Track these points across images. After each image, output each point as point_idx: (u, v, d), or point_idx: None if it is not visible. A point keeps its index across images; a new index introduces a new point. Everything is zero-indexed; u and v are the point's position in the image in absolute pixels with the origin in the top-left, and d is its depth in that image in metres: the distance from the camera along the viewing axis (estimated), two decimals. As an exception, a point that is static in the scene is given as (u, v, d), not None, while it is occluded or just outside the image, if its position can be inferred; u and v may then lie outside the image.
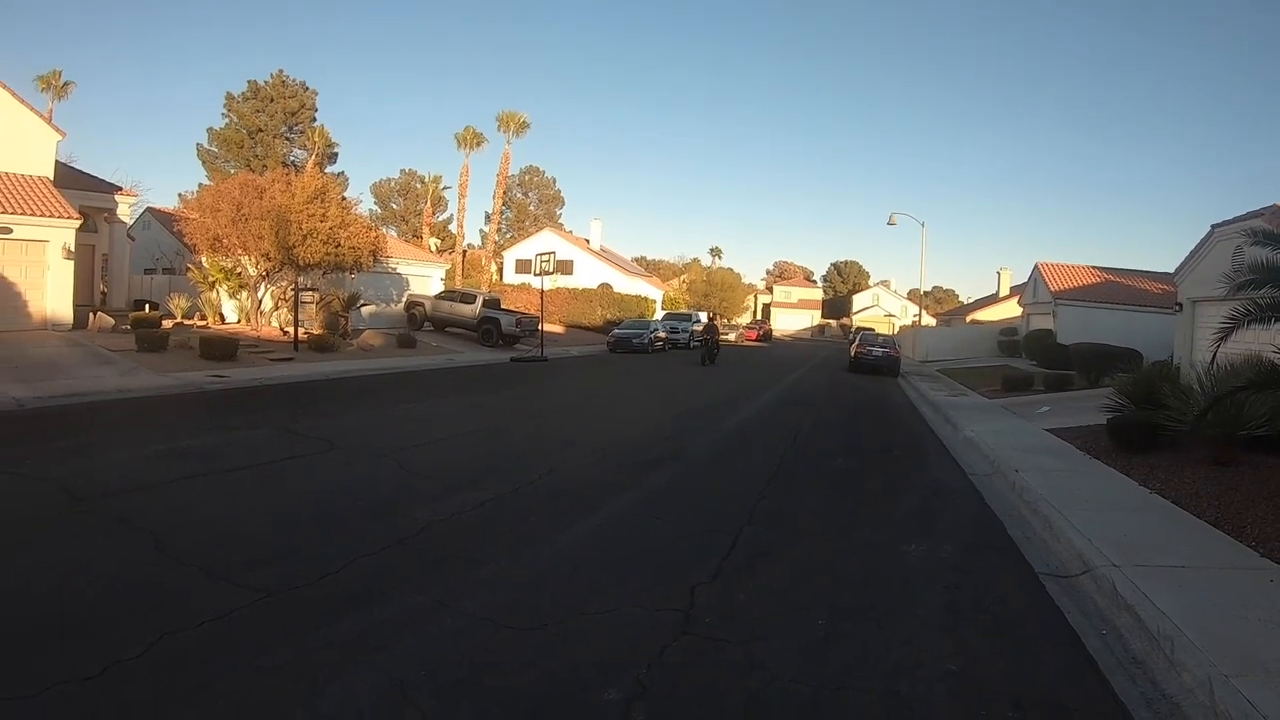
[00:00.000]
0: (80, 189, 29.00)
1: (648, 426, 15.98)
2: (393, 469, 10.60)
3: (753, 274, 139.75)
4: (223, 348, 22.35)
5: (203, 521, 7.75)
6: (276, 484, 9.53)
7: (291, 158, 61.79)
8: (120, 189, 31.84)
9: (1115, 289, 42.62)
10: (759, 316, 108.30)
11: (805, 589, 6.77)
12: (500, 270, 66.60)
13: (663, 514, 9.10)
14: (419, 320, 37.89)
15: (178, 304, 30.84)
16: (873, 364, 36.65)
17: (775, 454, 13.59)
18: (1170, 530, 8.67)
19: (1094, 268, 46.00)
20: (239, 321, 31.58)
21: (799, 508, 9.93)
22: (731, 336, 70.61)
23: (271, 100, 62.82)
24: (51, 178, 26.61)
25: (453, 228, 71.42)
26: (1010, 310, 59.58)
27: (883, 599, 6.63)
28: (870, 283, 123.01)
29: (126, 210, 32.95)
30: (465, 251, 66.88)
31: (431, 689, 4.62)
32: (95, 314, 26.18)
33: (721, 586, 6.63)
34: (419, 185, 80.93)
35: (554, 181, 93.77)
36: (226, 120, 63.05)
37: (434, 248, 63.59)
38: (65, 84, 56.55)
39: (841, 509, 10.02)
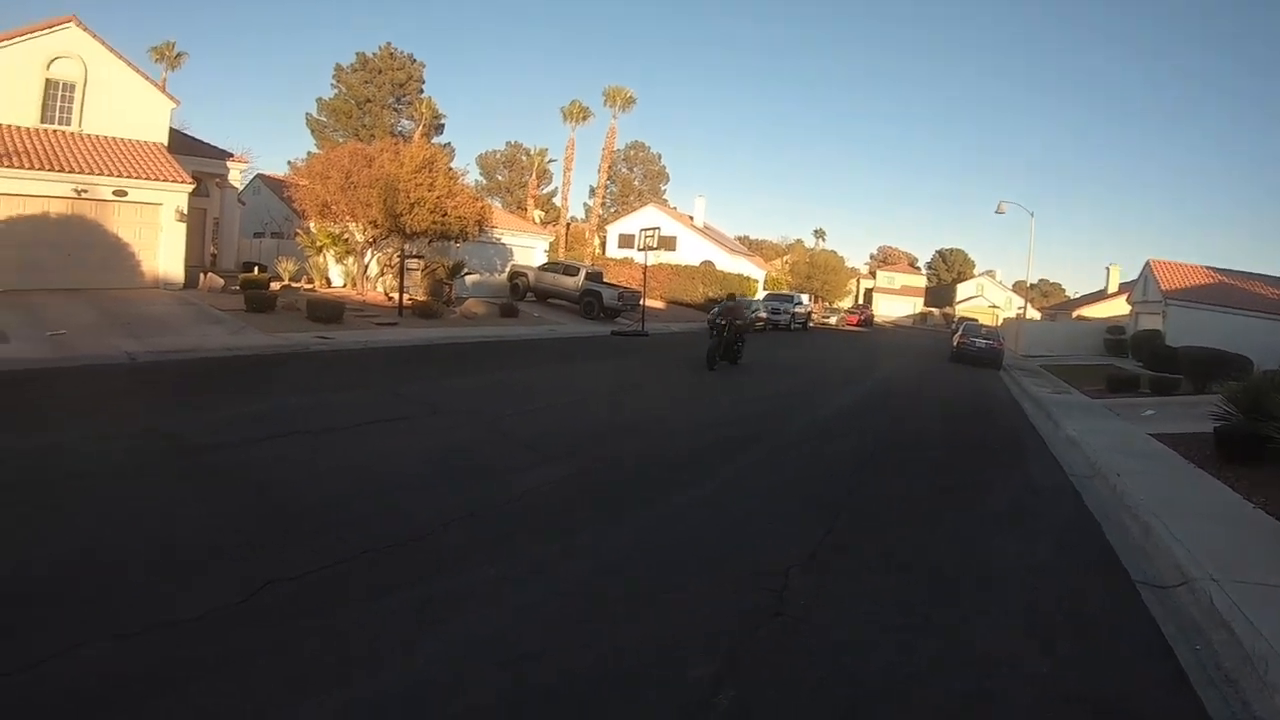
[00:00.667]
0: (193, 155, 29.98)
1: (745, 407, 16.05)
2: (493, 435, 10.90)
3: (856, 257, 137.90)
4: (329, 310, 22.92)
5: (305, 478, 8.12)
6: (379, 445, 9.87)
7: (399, 128, 62.96)
8: (231, 155, 32.84)
9: (1229, 292, 40.80)
10: (861, 301, 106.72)
11: (896, 579, 6.81)
12: (603, 244, 66.67)
13: (756, 495, 9.19)
14: (522, 291, 38.26)
15: (285, 267, 31.73)
16: (975, 355, 35.96)
17: (871, 441, 13.58)
18: (1273, 547, 8.40)
19: (1208, 268, 44.13)
20: (345, 286, 32.51)
21: (893, 498, 9.90)
22: (833, 320, 69.66)
23: (379, 72, 64.00)
24: (166, 144, 27.54)
25: (557, 200, 72.05)
26: (1118, 308, 57.70)
27: (974, 595, 6.65)
28: (975, 272, 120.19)
29: (237, 176, 34.01)
30: (569, 224, 67.25)
31: (521, 655, 4.80)
32: (205, 275, 27.18)
33: (814, 571, 6.70)
34: (524, 158, 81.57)
35: (659, 157, 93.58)
36: (335, 91, 64.68)
37: (538, 220, 64.11)
38: (178, 55, 58.34)
39: (937, 502, 9.97)
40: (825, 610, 5.93)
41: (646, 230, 35.42)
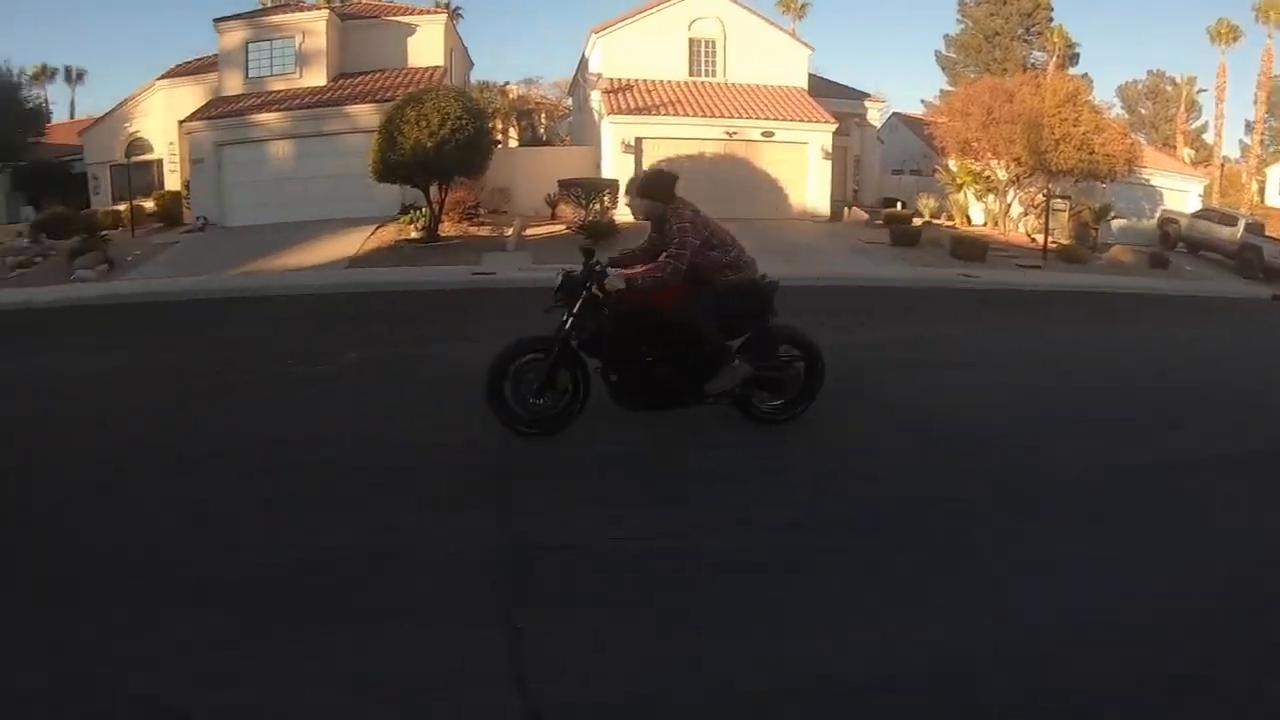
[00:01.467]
0: (832, 97, 31.86)
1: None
2: (1129, 389, 9.74)
3: None
4: (972, 248, 23.16)
5: (960, 407, 8.17)
6: (1014, 383, 9.49)
7: (1030, 60, 59.85)
8: (869, 96, 34.62)
9: None
10: None
11: None
12: (1261, 189, 57.62)
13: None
14: (1172, 240, 33.20)
15: (926, 204, 32.02)
16: None
17: None
18: None
19: None
20: (985, 225, 31.68)
21: None
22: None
23: (1005, 3, 61.31)
24: (805, 88, 29.99)
25: (1207, 136, 64.08)
26: None
27: None
28: None
29: (875, 115, 35.60)
30: (1223, 164, 59.26)
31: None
32: (849, 209, 29.31)
33: None
34: (1169, 88, 72.88)
35: (1328, 84, 79.30)
36: (961, 26, 63.60)
37: (1187, 159, 56.92)
38: (802, 6, 61.14)
39: None
40: None
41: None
